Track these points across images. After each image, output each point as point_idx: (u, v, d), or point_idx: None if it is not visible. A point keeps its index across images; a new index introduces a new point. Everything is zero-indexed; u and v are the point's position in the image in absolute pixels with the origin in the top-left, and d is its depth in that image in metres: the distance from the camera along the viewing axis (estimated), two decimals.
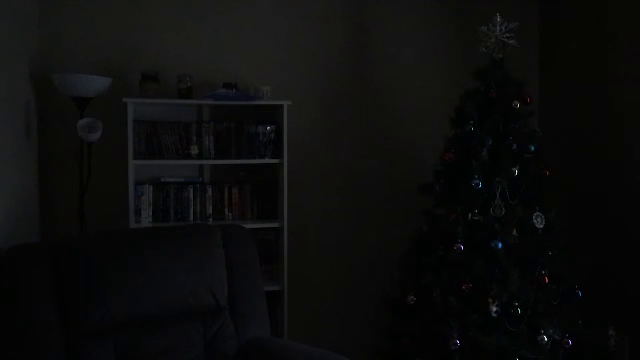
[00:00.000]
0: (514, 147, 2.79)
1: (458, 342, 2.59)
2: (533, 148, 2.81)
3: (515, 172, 2.73)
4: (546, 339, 2.60)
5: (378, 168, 3.60)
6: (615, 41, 3.28)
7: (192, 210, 3.17)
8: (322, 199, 3.53)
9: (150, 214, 3.11)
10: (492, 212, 2.72)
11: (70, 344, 2.14)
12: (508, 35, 2.87)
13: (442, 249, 2.80)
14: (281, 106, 3.15)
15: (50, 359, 2.10)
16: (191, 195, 3.17)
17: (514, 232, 2.72)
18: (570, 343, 2.70)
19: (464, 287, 2.67)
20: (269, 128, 3.17)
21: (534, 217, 2.76)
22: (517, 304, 2.62)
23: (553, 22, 3.75)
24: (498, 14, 2.91)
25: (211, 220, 3.18)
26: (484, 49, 2.91)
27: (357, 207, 3.58)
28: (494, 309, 2.62)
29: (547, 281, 2.71)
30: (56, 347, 2.12)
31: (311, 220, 3.49)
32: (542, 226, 2.76)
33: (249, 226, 2.81)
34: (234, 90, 3.13)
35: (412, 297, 2.86)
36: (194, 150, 3.11)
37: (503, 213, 2.71)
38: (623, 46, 3.23)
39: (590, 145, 3.43)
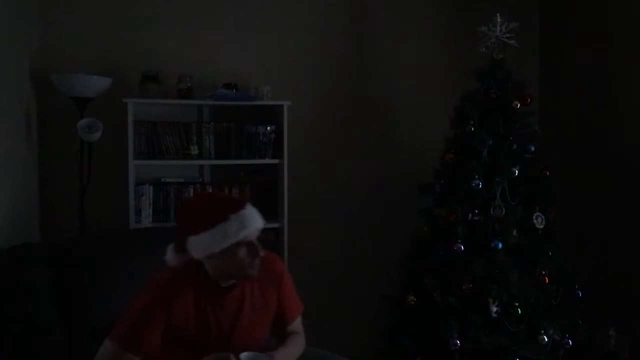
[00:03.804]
0: (514, 147, 2.79)
1: (458, 342, 2.59)
2: (533, 148, 2.82)
3: (515, 172, 2.73)
4: (546, 339, 2.60)
5: (378, 168, 3.59)
6: (615, 41, 3.28)
7: None
8: (322, 199, 3.52)
9: (150, 213, 3.11)
10: (492, 212, 2.72)
11: (71, 344, 2.14)
12: (508, 35, 2.87)
13: (442, 249, 2.80)
14: (281, 106, 3.14)
15: (50, 359, 2.10)
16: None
17: (514, 232, 2.72)
18: (570, 343, 2.70)
19: (464, 287, 2.67)
20: (269, 128, 3.16)
21: (534, 217, 2.76)
22: (517, 304, 2.62)
23: (553, 22, 3.75)
24: (498, 14, 2.91)
25: None
26: (484, 49, 2.91)
27: (356, 207, 3.58)
28: (494, 309, 2.62)
29: (547, 281, 2.71)
30: (56, 347, 2.12)
31: (311, 220, 3.49)
32: (542, 226, 2.76)
33: None
34: (234, 90, 3.13)
35: (412, 297, 2.85)
36: (194, 150, 3.10)
37: (503, 213, 2.71)
38: (623, 46, 3.23)
39: (590, 145, 3.43)
